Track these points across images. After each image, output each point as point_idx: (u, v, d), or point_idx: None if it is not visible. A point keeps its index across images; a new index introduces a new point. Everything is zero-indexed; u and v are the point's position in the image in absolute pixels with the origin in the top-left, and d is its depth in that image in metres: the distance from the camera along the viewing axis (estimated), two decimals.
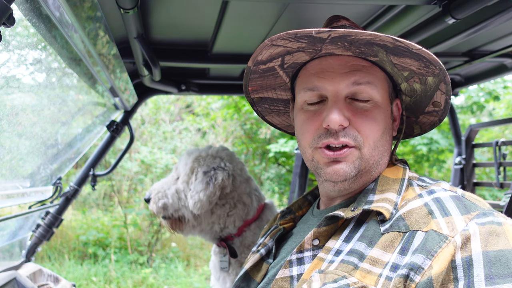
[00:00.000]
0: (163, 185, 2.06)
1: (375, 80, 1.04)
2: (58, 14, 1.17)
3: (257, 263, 1.16)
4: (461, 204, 0.90)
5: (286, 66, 1.11)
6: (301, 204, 1.30)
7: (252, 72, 1.12)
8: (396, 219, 0.93)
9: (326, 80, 1.04)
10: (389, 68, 1.05)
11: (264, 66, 1.10)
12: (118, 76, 1.76)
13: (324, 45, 0.99)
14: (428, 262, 0.82)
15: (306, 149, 1.09)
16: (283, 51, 1.04)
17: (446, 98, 1.05)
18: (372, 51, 0.99)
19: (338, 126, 1.00)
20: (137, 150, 7.82)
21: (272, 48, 1.03)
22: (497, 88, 6.87)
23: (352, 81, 1.02)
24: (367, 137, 1.02)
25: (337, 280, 0.87)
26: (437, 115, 1.13)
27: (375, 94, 1.03)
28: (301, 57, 1.07)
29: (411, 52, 0.95)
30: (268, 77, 1.15)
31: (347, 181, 1.04)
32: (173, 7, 1.43)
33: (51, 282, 2.19)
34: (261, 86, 1.19)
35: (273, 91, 1.22)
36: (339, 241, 0.96)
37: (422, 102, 1.11)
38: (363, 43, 0.96)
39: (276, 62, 1.09)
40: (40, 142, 2.04)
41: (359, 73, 1.03)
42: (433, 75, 1.00)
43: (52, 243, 7.10)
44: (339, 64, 1.04)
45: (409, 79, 1.06)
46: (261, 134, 7.71)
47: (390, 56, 1.00)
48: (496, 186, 2.40)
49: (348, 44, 0.97)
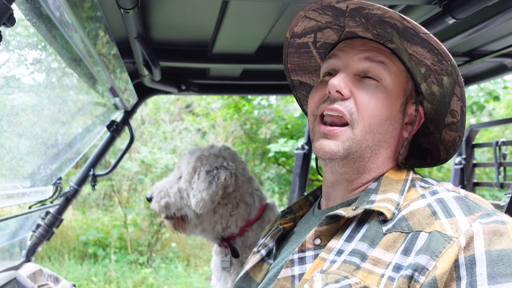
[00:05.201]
0: (165, 184, 2.05)
1: (390, 64, 1.05)
2: (58, 14, 1.17)
3: (258, 264, 1.16)
4: (464, 205, 0.90)
5: (318, 45, 1.17)
6: (302, 204, 1.30)
7: (289, 45, 1.18)
8: (398, 219, 0.92)
9: (344, 52, 1.08)
10: (407, 60, 1.05)
11: (299, 40, 1.16)
12: (118, 76, 1.76)
13: (346, 21, 1.05)
14: (432, 263, 0.81)
15: (310, 116, 1.11)
16: (315, 26, 1.10)
17: (461, 106, 1.03)
18: (387, 34, 1.01)
19: (336, 92, 1.01)
20: (137, 150, 7.82)
21: (305, 21, 1.10)
22: (497, 88, 6.87)
23: (366, 56, 1.04)
24: (363, 116, 1.01)
25: (339, 280, 0.87)
26: (456, 130, 1.09)
27: (387, 76, 1.03)
28: (330, 36, 1.13)
29: (419, 36, 0.96)
30: (303, 54, 1.20)
31: (337, 162, 1.03)
32: (173, 7, 1.43)
33: (51, 282, 2.19)
34: (298, 65, 1.24)
35: (310, 75, 1.26)
36: (340, 241, 0.96)
37: (441, 111, 1.09)
38: (377, 22, 0.99)
39: (309, 38, 1.15)
40: (40, 142, 2.04)
41: (375, 52, 1.05)
42: (447, 73, 1.00)
43: (52, 243, 7.10)
44: (360, 43, 1.08)
45: (427, 78, 1.05)
46: (261, 134, 7.71)
47: (404, 42, 1.00)
48: (496, 186, 2.40)
49: (365, 21, 1.01)
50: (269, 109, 7.94)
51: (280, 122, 7.88)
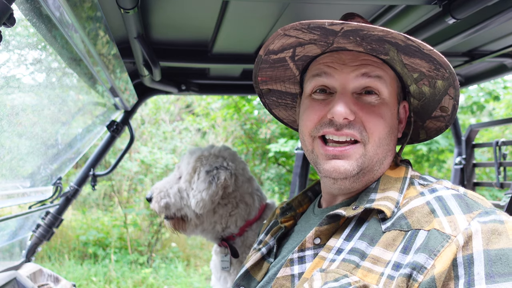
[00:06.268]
0: (165, 184, 2.05)
1: (385, 76, 1.04)
2: (58, 14, 1.17)
3: (258, 262, 1.16)
4: (463, 203, 0.90)
5: (297, 58, 1.10)
6: (301, 201, 1.30)
7: (262, 62, 1.12)
8: (397, 217, 0.93)
9: (336, 70, 1.03)
10: (399, 68, 1.05)
11: (275, 56, 1.09)
12: (118, 76, 1.76)
13: (336, 39, 0.99)
14: (431, 262, 0.82)
15: (306, 136, 1.08)
16: (295, 42, 1.03)
17: (454, 104, 1.04)
18: (383, 49, 0.99)
19: (343, 119, 0.99)
20: (137, 150, 7.82)
21: (284, 38, 1.02)
22: (497, 88, 6.87)
23: (362, 72, 1.01)
24: (372, 133, 1.01)
25: (339, 279, 0.87)
26: (443, 121, 1.12)
27: (384, 89, 1.02)
28: (312, 50, 1.06)
29: (422, 52, 0.94)
30: (278, 68, 1.15)
31: (348, 180, 1.03)
32: (173, 7, 1.43)
33: (51, 282, 2.19)
34: (270, 77, 1.19)
35: (282, 83, 1.21)
36: (340, 240, 0.96)
37: (429, 106, 1.10)
38: (375, 39, 0.96)
39: (287, 53, 1.08)
40: (40, 142, 2.04)
41: (369, 67, 1.02)
42: (442, 78, 1.00)
43: (52, 243, 7.10)
44: (350, 58, 1.03)
45: (419, 81, 1.05)
46: (261, 134, 7.71)
47: (401, 55, 0.99)
48: (496, 186, 2.40)
49: (360, 39, 0.97)
50: None
51: (280, 122, 7.85)
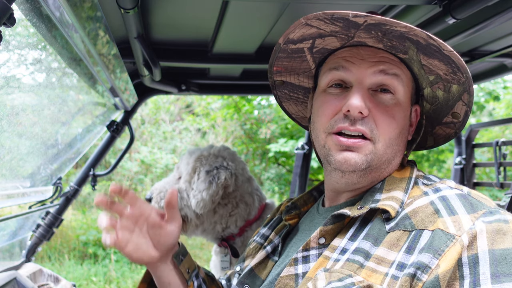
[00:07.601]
0: (165, 184, 2.05)
1: (402, 75, 1.03)
2: (58, 14, 1.17)
3: (263, 260, 1.15)
4: (467, 203, 0.90)
5: (315, 50, 1.09)
6: (306, 200, 1.29)
7: (281, 51, 1.10)
8: (401, 217, 0.92)
9: (354, 64, 1.02)
10: (416, 69, 1.04)
11: (294, 46, 1.08)
12: (118, 76, 1.76)
13: (358, 32, 0.98)
14: (435, 261, 0.81)
15: (319, 133, 1.06)
16: (316, 33, 1.02)
17: (466, 110, 1.03)
18: (403, 47, 0.98)
19: (358, 113, 0.98)
20: (137, 150, 7.83)
21: (305, 28, 1.01)
22: (497, 88, 6.88)
23: (380, 69, 1.01)
24: (383, 132, 1.01)
25: (343, 278, 0.87)
26: (453, 127, 1.10)
27: (400, 89, 1.02)
28: (332, 43, 1.05)
29: (441, 53, 0.94)
30: (295, 59, 1.14)
31: (356, 173, 1.02)
32: (173, 7, 1.43)
33: (51, 282, 2.19)
34: (286, 68, 1.17)
35: (296, 76, 1.20)
36: (344, 240, 0.96)
37: (441, 112, 1.09)
38: (396, 36, 0.95)
39: (306, 44, 1.07)
40: (40, 142, 2.04)
41: (387, 64, 1.02)
42: (458, 83, 0.99)
43: (52, 243, 7.10)
44: (369, 53, 1.03)
45: (434, 85, 1.04)
46: (261, 134, 7.72)
47: (420, 55, 0.98)
48: (496, 186, 2.40)
49: (381, 35, 0.96)
50: (269, 109, 7.94)
51: (280, 122, 7.88)
